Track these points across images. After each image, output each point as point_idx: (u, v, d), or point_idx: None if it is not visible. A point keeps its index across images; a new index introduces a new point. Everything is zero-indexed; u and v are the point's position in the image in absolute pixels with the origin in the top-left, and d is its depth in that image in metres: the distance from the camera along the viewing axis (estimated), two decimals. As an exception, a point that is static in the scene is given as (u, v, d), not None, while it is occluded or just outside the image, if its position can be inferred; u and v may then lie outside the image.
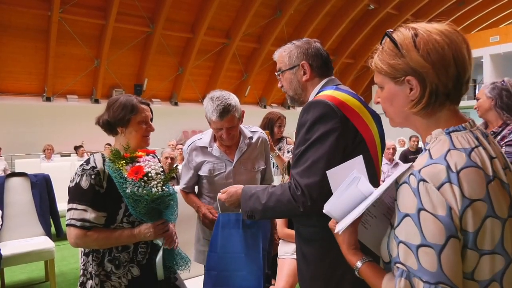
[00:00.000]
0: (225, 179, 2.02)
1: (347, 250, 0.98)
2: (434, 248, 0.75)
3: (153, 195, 1.50)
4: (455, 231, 0.76)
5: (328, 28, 17.23)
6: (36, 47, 12.10)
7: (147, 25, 13.31)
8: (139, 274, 1.62)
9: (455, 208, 0.76)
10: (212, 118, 1.90)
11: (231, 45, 15.03)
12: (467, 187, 0.77)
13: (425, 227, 0.76)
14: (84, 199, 1.55)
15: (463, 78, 0.84)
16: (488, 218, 0.78)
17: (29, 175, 3.66)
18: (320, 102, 1.31)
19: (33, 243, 3.33)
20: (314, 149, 1.28)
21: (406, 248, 0.79)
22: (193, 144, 2.08)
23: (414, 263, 0.77)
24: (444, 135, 0.85)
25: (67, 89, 13.18)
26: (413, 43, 0.85)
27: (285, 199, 1.31)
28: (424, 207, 0.77)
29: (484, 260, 0.78)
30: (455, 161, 0.79)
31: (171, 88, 15.42)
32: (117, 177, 1.53)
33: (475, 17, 20.30)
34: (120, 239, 1.57)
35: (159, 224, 1.58)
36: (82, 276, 1.63)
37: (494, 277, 0.79)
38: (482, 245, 0.78)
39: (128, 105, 1.63)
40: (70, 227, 1.54)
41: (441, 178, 0.78)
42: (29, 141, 11.70)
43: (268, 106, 17.90)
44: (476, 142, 0.83)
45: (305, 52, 1.49)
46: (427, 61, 0.83)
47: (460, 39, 0.85)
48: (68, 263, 4.22)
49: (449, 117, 0.88)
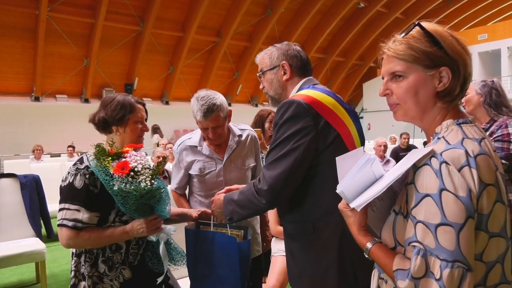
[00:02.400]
0: (216, 177, 2.02)
1: (357, 231, 0.99)
2: (454, 227, 0.78)
3: (142, 190, 1.46)
4: (473, 212, 0.79)
5: (318, 26, 17.29)
6: (23, 46, 11.93)
7: (137, 23, 13.21)
8: (131, 276, 1.60)
9: (474, 190, 0.80)
10: (197, 118, 1.93)
11: (222, 44, 14.99)
12: (483, 172, 0.82)
13: (446, 207, 0.79)
14: (77, 199, 1.52)
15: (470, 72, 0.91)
16: (497, 203, 0.83)
17: (19, 176, 3.61)
18: (293, 102, 1.36)
19: (23, 244, 3.29)
20: (282, 146, 1.33)
21: (425, 227, 0.81)
22: (182, 143, 2.08)
23: (432, 242, 0.79)
24: (455, 125, 0.89)
25: (56, 89, 13.03)
26: (451, 36, 0.90)
27: (250, 193, 1.35)
28: (446, 187, 0.80)
29: (492, 242, 0.83)
30: (472, 148, 0.83)
31: (162, 87, 15.33)
32: (102, 175, 1.50)
33: (464, 15, 20.54)
34: (113, 237, 1.54)
35: (152, 220, 1.54)
36: (73, 277, 1.59)
37: (498, 259, 0.84)
38: (492, 228, 0.83)
39: (126, 104, 1.63)
40: (62, 228, 1.51)
41: (461, 161, 0.81)
42: (18, 142, 11.54)
43: (260, 105, 17.90)
44: (482, 134, 0.89)
45: (285, 53, 1.54)
46: (466, 53, 0.90)
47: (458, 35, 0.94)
48: (59, 265, 4.18)
49: (456, 111, 0.93)
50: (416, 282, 0.80)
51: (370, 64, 20.16)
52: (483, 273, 0.83)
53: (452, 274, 0.77)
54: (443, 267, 0.77)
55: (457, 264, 0.77)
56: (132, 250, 1.62)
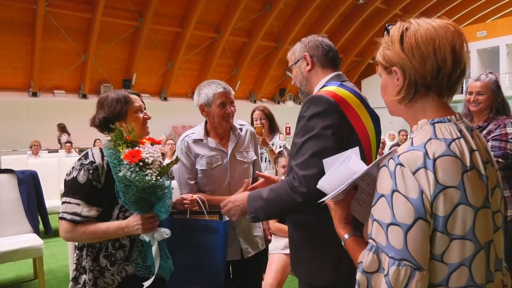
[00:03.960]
0: (222, 171, 2.02)
1: (338, 223, 1.05)
2: (402, 227, 0.81)
3: (145, 183, 1.46)
4: (424, 214, 0.81)
5: (317, 22, 17.25)
6: (21, 42, 11.87)
7: (135, 19, 13.15)
8: (134, 272, 1.60)
9: (427, 192, 0.81)
10: (219, 90, 1.97)
11: (221, 40, 14.95)
12: (441, 174, 0.82)
13: (396, 207, 0.82)
14: (78, 194, 1.53)
15: (444, 71, 0.87)
16: (460, 205, 0.82)
17: (16, 172, 3.60)
18: (321, 98, 1.36)
19: (21, 240, 3.28)
20: (313, 142, 1.31)
21: (378, 225, 0.85)
22: (187, 138, 2.05)
23: (383, 240, 0.84)
24: (429, 125, 0.89)
25: (54, 84, 12.98)
26: (400, 37, 0.90)
27: (283, 192, 1.33)
28: (398, 189, 0.83)
29: (454, 244, 0.83)
30: (434, 150, 0.84)
31: (160, 83, 15.29)
32: (112, 157, 1.50)
33: (462, 12, 20.52)
34: (108, 232, 1.54)
35: (148, 218, 1.54)
36: (75, 270, 1.61)
37: (463, 262, 0.83)
38: (452, 229, 0.82)
39: (121, 97, 1.63)
40: (61, 220, 1.54)
41: (417, 164, 0.83)
42: (15, 137, 11.51)
43: (258, 101, 17.88)
44: (459, 134, 0.87)
45: (307, 44, 1.55)
46: (406, 54, 0.88)
47: (453, 35, 0.88)
48: (57, 260, 4.18)
49: (435, 109, 0.92)
50: (368, 276, 0.85)
51: (368, 60, 20.14)
52: (445, 274, 0.84)
53: (399, 271, 0.80)
54: (390, 264, 0.81)
55: (404, 262, 0.80)
56: (136, 248, 1.62)
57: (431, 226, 0.82)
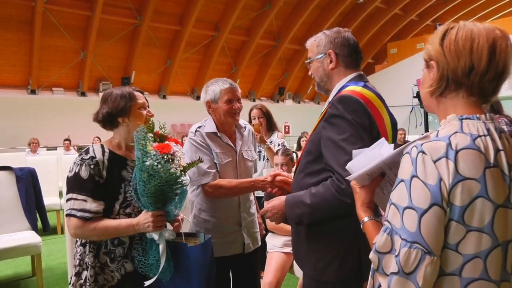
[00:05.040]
0: (232, 167, 2.01)
1: (360, 205, 1.08)
2: (417, 211, 0.84)
3: (170, 174, 1.48)
4: (440, 201, 0.83)
5: (317, 22, 17.22)
6: (19, 39, 11.82)
7: (134, 16, 13.11)
8: (132, 270, 1.61)
9: (446, 180, 0.83)
10: (226, 86, 1.97)
11: (220, 38, 14.92)
12: (462, 165, 0.83)
13: (413, 192, 0.85)
14: (84, 189, 1.54)
15: (476, 70, 0.89)
16: (479, 198, 0.83)
17: (14, 169, 3.59)
18: (352, 98, 1.35)
19: (19, 237, 3.28)
20: (351, 142, 1.30)
21: (395, 208, 0.88)
22: (200, 129, 2.00)
23: (398, 222, 0.86)
24: (457, 120, 0.91)
25: (53, 82, 12.94)
26: (443, 34, 0.94)
27: (330, 195, 1.32)
28: (417, 175, 0.85)
29: (471, 235, 0.84)
30: (458, 141, 0.86)
31: (159, 81, 15.26)
32: (140, 145, 1.50)
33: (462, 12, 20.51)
34: (119, 229, 1.55)
35: (158, 215, 1.54)
36: (78, 266, 1.61)
37: (478, 254, 0.85)
38: (470, 221, 0.84)
39: (125, 93, 1.65)
40: (70, 217, 1.54)
41: (440, 153, 0.85)
42: (13, 135, 11.48)
43: (257, 100, 17.86)
44: (486, 132, 0.89)
45: (333, 41, 1.53)
46: (443, 49, 0.92)
47: (496, 38, 0.90)
48: (55, 258, 4.18)
49: (465, 106, 0.93)
50: (380, 256, 0.89)
51: (368, 60, 20.13)
52: (459, 264, 0.85)
53: (410, 253, 0.83)
54: (402, 246, 0.84)
55: (415, 245, 0.83)
56: (136, 245, 1.63)
57: (447, 215, 0.84)
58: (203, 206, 1.99)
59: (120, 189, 1.60)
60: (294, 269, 2.63)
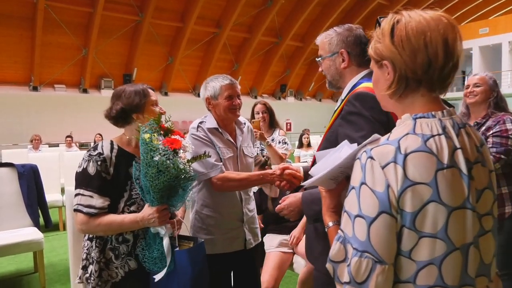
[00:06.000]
0: (233, 163, 2.01)
1: (326, 210, 1.08)
2: (366, 220, 0.82)
3: (180, 170, 1.48)
4: (389, 208, 0.80)
5: (319, 19, 17.18)
6: (21, 36, 11.84)
7: (136, 13, 13.11)
8: (136, 267, 1.62)
9: (394, 187, 0.80)
10: (226, 82, 1.97)
11: (222, 35, 14.90)
12: (412, 169, 0.80)
13: (362, 200, 0.83)
14: (90, 185, 1.55)
15: (435, 65, 0.85)
16: (431, 203, 0.80)
17: (16, 166, 3.60)
18: (368, 95, 1.34)
19: (21, 234, 3.29)
20: None
21: (347, 216, 0.86)
22: (203, 125, 1.99)
23: (350, 231, 0.85)
24: (411, 120, 0.87)
25: (55, 79, 12.96)
26: (391, 30, 0.88)
27: None
28: (366, 182, 0.83)
29: (424, 242, 0.81)
30: (407, 145, 0.82)
31: (160, 78, 15.27)
32: (146, 139, 1.49)
33: (465, 9, 20.44)
34: (123, 225, 1.55)
35: (163, 210, 1.54)
36: (84, 260, 1.63)
37: (433, 261, 0.81)
38: (422, 227, 0.80)
39: (139, 90, 1.66)
40: (77, 213, 1.56)
41: (388, 158, 0.81)
42: (16, 131, 11.53)
43: (259, 97, 17.85)
44: (440, 130, 0.84)
45: (345, 40, 1.50)
46: (396, 47, 0.86)
47: (446, 28, 0.86)
48: (57, 254, 4.20)
49: (423, 103, 0.89)
50: (335, 265, 0.87)
51: (370, 57, 20.12)
52: (413, 271, 0.82)
53: (360, 263, 0.81)
54: (353, 255, 0.82)
55: (366, 254, 0.81)
56: (140, 244, 1.63)
57: (398, 221, 0.81)
58: (206, 202, 1.99)
59: (126, 186, 1.60)
60: (294, 267, 2.63)
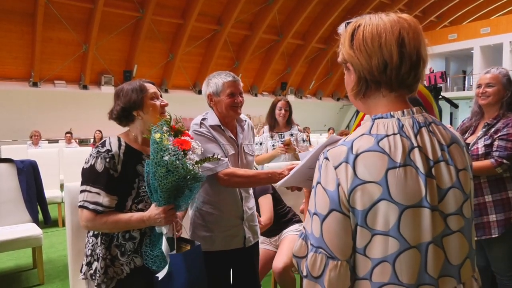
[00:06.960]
0: (235, 161, 2.00)
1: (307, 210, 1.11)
2: (319, 217, 0.87)
3: (189, 170, 1.48)
4: (339, 206, 0.84)
5: (320, 16, 17.14)
6: (22, 31, 11.81)
7: (136, 9, 13.07)
8: (142, 264, 1.61)
9: (344, 186, 0.83)
10: (228, 79, 1.96)
11: (222, 32, 14.87)
12: (362, 168, 0.83)
13: (317, 198, 0.88)
14: (98, 182, 1.54)
15: (390, 66, 0.87)
16: (382, 201, 0.82)
17: (16, 161, 3.59)
18: None
19: (20, 230, 3.29)
20: None
21: (308, 214, 0.91)
22: (205, 122, 2.00)
23: (309, 228, 0.89)
24: (370, 121, 0.91)
25: (55, 75, 12.93)
26: (351, 34, 0.91)
27: None
28: (320, 181, 0.88)
29: (377, 239, 0.83)
30: (360, 145, 0.85)
31: (161, 75, 15.24)
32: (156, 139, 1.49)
33: (467, 9, 20.40)
34: (130, 223, 1.55)
35: (169, 210, 1.54)
36: (89, 256, 1.62)
37: (386, 258, 0.83)
38: (373, 224, 0.83)
39: (136, 86, 1.66)
40: (82, 209, 1.54)
41: (340, 158, 0.85)
42: (15, 127, 11.51)
43: (259, 94, 17.84)
44: (397, 130, 0.86)
45: None
46: (354, 51, 0.90)
47: (402, 29, 0.87)
48: (56, 250, 4.20)
49: (385, 104, 0.92)
50: (298, 260, 0.92)
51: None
52: (368, 268, 0.85)
53: (315, 258, 0.86)
54: (309, 251, 0.88)
55: (320, 250, 0.86)
56: (146, 241, 1.63)
57: (352, 219, 0.84)
58: (206, 199, 1.98)
59: (133, 184, 1.60)
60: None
